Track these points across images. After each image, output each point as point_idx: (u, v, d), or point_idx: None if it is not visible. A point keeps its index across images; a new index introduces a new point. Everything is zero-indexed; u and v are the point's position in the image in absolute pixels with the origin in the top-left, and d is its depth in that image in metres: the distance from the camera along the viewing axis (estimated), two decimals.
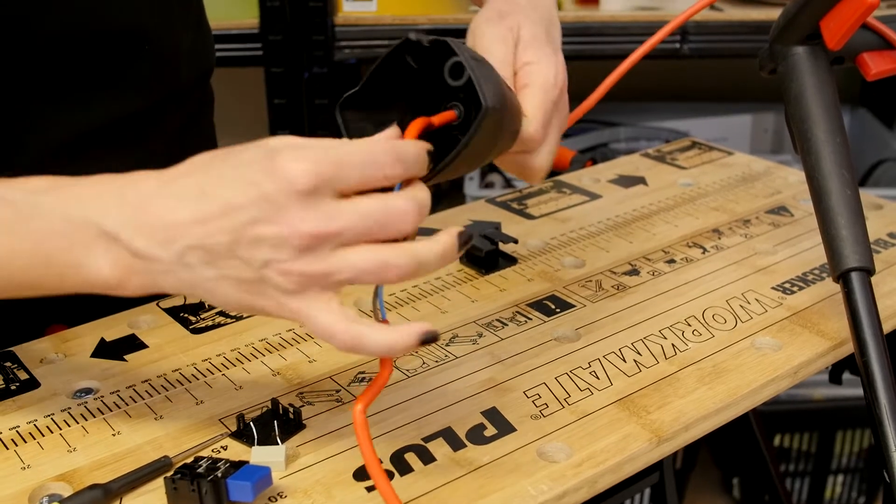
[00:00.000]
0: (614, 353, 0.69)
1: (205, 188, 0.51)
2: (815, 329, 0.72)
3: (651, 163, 1.03)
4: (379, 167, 0.51)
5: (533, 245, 0.84)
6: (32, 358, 0.70)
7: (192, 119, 0.86)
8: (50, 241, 0.52)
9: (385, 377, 0.55)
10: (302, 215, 0.49)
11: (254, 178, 0.50)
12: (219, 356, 0.69)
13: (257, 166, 0.50)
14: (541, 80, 0.64)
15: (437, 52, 0.56)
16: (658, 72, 1.92)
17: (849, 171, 0.71)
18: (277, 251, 0.50)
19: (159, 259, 0.51)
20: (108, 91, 0.74)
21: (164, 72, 0.79)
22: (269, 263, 0.50)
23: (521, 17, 0.67)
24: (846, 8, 0.70)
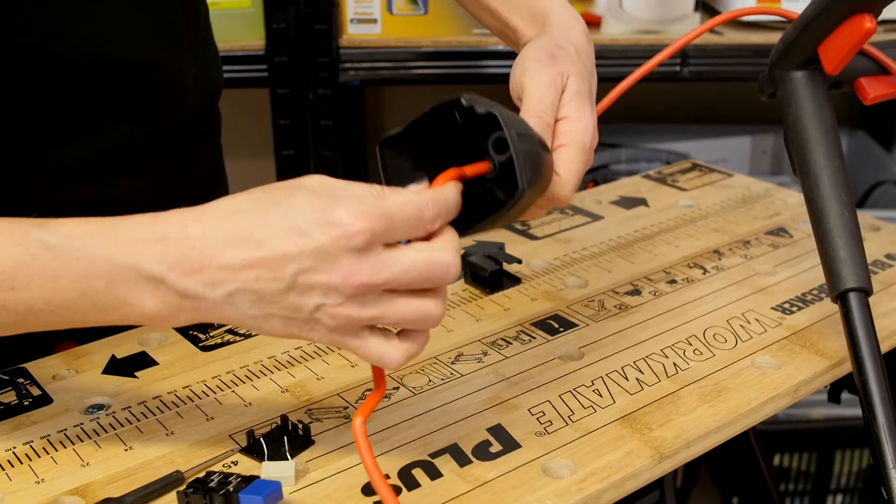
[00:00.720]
0: (617, 372, 0.70)
1: (254, 234, 0.52)
2: (813, 348, 0.74)
3: (652, 184, 1.05)
4: (424, 222, 0.54)
5: (536, 265, 0.86)
6: (45, 374, 0.71)
7: (200, 142, 0.87)
8: (92, 282, 0.54)
9: (382, 390, 0.57)
10: (354, 267, 0.52)
11: (308, 229, 0.52)
12: (228, 373, 0.70)
13: (312, 218, 0.52)
14: (579, 141, 0.65)
15: (486, 120, 0.57)
16: (658, 94, 1.94)
17: (847, 193, 0.73)
18: (328, 297, 0.52)
19: (206, 299, 0.53)
20: (116, 119, 0.75)
21: (170, 99, 0.80)
22: (319, 308, 0.53)
23: (570, 65, 0.67)
24: (844, 34, 0.71)
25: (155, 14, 0.76)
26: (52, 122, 0.72)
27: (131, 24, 0.74)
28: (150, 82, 0.77)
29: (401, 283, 0.53)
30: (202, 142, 0.88)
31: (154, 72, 0.77)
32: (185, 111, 0.82)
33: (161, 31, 0.77)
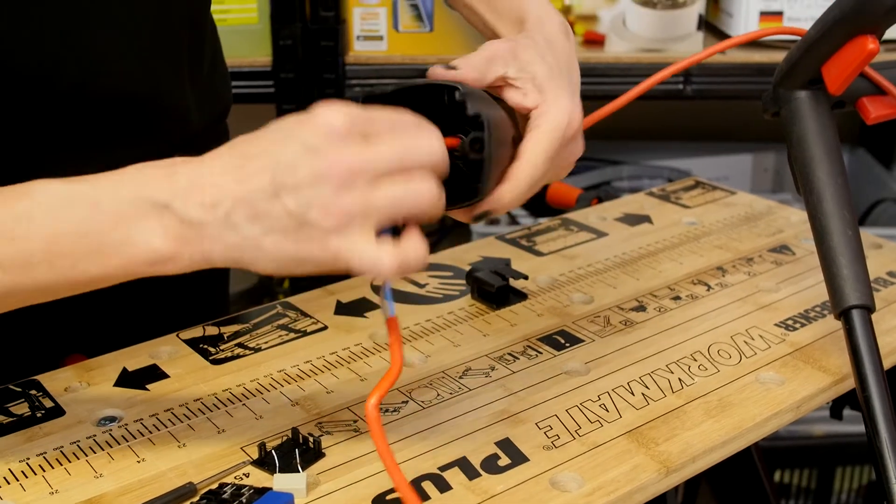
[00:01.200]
0: (623, 387, 0.71)
1: (246, 153, 0.54)
2: (816, 365, 0.75)
3: (656, 201, 1.06)
4: (405, 127, 0.55)
5: (542, 281, 0.87)
6: (57, 386, 0.72)
7: None
8: (96, 221, 0.54)
9: (396, 371, 0.56)
10: (338, 152, 0.52)
11: (290, 132, 0.53)
12: (238, 386, 0.71)
13: (294, 123, 0.54)
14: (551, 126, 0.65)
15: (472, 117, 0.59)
16: (660, 112, 1.95)
17: (850, 211, 0.74)
18: (318, 189, 0.52)
19: (208, 223, 0.53)
20: (116, 144, 0.76)
21: (172, 124, 0.81)
22: (311, 204, 0.52)
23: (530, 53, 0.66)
24: (847, 55, 0.72)
25: (157, 41, 0.76)
26: (52, 146, 0.73)
27: (132, 53, 0.74)
28: (152, 110, 0.78)
29: (387, 162, 0.53)
30: None
31: (155, 100, 0.78)
32: (187, 133, 0.83)
33: (164, 57, 0.78)
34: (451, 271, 0.89)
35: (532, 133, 0.64)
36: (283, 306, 0.83)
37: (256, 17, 1.44)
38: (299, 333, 0.78)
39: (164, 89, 0.78)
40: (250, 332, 0.79)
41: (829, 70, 0.74)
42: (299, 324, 0.80)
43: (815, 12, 1.47)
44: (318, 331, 0.79)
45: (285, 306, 0.83)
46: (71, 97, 0.72)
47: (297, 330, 0.79)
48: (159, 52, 0.77)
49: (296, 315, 0.81)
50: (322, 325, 0.79)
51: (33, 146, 0.72)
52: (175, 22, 0.78)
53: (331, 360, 0.74)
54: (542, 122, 0.64)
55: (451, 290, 0.85)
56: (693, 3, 1.49)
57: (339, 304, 0.83)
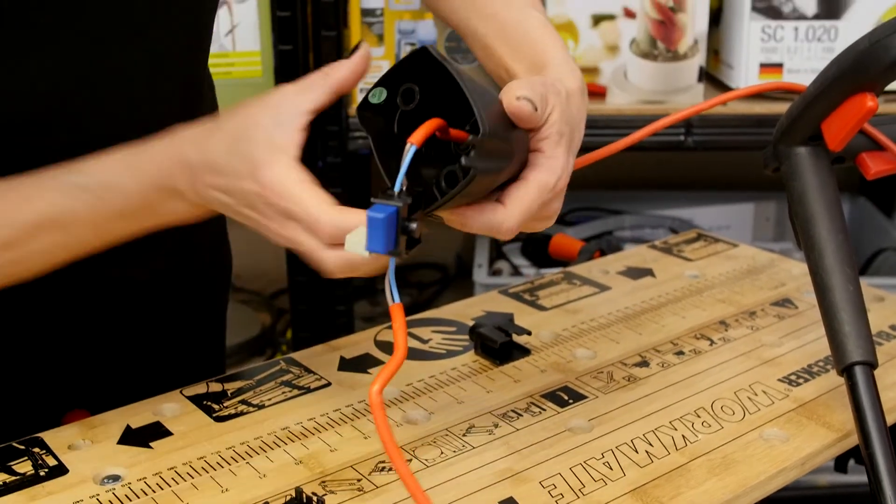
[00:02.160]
0: (626, 444, 0.71)
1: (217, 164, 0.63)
2: (821, 421, 0.75)
3: (658, 254, 1.06)
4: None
5: (545, 336, 0.87)
6: (60, 444, 0.72)
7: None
8: (130, 206, 0.66)
9: (400, 357, 0.56)
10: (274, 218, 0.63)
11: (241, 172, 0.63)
12: (242, 444, 0.71)
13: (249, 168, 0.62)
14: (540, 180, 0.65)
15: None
16: (662, 162, 1.97)
17: (851, 267, 0.74)
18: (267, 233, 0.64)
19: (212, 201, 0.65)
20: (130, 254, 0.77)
21: None
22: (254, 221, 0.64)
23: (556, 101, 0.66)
24: (846, 112, 0.73)
25: (150, 95, 0.77)
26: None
27: (126, 105, 0.75)
28: None
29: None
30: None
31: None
32: None
33: (156, 113, 0.78)
34: (454, 326, 0.89)
35: (519, 184, 0.64)
36: (286, 362, 0.83)
37: (261, 71, 1.46)
38: (303, 390, 0.78)
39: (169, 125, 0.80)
40: (254, 388, 0.79)
41: (829, 127, 0.74)
42: (303, 380, 0.80)
43: (816, 65, 1.49)
44: (322, 387, 0.79)
45: (289, 362, 0.83)
46: (76, 142, 0.73)
47: (300, 386, 0.79)
48: (152, 107, 0.78)
49: (299, 371, 0.81)
50: (326, 382, 0.80)
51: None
52: (169, 75, 0.79)
53: (334, 417, 0.74)
54: (531, 177, 0.64)
55: (454, 345, 0.85)
56: (693, 56, 1.51)
57: (342, 360, 0.83)
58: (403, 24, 1.48)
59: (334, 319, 1.62)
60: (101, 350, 0.84)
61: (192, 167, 0.64)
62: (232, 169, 0.63)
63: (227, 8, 1.45)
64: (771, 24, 1.50)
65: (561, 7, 1.49)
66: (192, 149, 0.65)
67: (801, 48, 1.50)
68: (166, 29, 0.75)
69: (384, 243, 0.57)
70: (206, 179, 0.64)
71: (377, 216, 0.56)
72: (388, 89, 0.62)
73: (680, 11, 1.49)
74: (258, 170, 0.61)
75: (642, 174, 1.98)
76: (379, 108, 0.62)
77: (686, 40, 1.50)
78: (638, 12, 1.49)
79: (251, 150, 0.62)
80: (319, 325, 1.62)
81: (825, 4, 1.49)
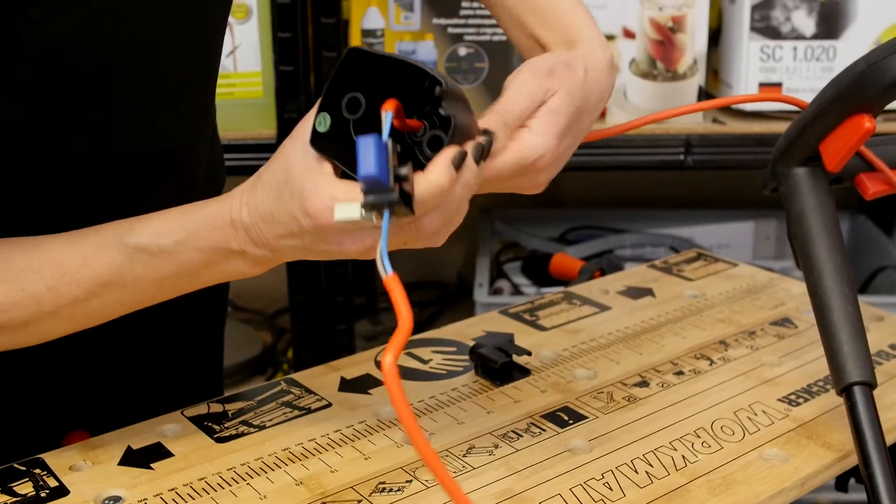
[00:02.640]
0: (627, 465, 0.71)
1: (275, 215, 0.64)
2: (820, 441, 0.75)
3: (658, 274, 1.07)
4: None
5: (545, 356, 0.87)
6: (61, 465, 0.72)
7: None
8: (189, 266, 0.68)
9: (408, 326, 0.54)
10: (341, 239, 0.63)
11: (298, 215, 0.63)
12: (243, 465, 0.71)
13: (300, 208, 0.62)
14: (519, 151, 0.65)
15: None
16: (662, 180, 1.97)
17: (850, 287, 0.74)
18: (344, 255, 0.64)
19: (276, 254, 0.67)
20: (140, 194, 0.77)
21: (180, 195, 0.82)
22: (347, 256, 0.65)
23: (564, 84, 0.67)
24: (844, 133, 0.73)
25: (175, 107, 0.78)
26: (58, 214, 0.74)
27: (153, 114, 0.76)
28: (165, 175, 0.79)
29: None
30: None
31: (170, 163, 0.79)
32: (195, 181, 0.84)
33: (180, 119, 0.80)
34: (454, 347, 0.89)
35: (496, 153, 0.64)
36: (287, 383, 0.83)
37: (262, 91, 1.46)
38: (303, 411, 0.79)
39: (179, 145, 0.81)
40: (255, 409, 0.79)
41: (827, 148, 0.75)
42: (303, 401, 0.80)
43: (814, 84, 1.49)
44: (323, 408, 0.79)
45: (289, 383, 0.83)
46: (86, 162, 0.73)
47: (301, 407, 0.79)
48: (169, 131, 0.79)
49: (300, 392, 0.82)
50: (326, 403, 0.80)
51: (42, 212, 0.74)
52: (184, 99, 0.80)
53: (335, 437, 0.75)
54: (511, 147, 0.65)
55: (454, 366, 0.86)
56: (693, 75, 1.51)
57: (342, 381, 0.83)
58: (404, 44, 1.49)
59: (335, 338, 1.62)
60: (101, 371, 0.84)
61: (247, 226, 0.65)
62: (286, 212, 0.63)
63: (229, 29, 1.45)
64: (770, 43, 1.50)
65: None
66: (244, 209, 0.65)
67: (799, 68, 1.51)
68: (179, 54, 0.76)
69: (377, 167, 0.55)
70: (268, 234, 0.65)
71: (366, 137, 0.55)
72: (330, 111, 0.61)
73: (679, 32, 1.49)
74: (307, 202, 0.61)
75: (643, 193, 1.98)
76: (329, 133, 0.61)
77: (685, 60, 1.51)
78: (637, 32, 1.50)
79: (294, 186, 0.62)
80: (320, 344, 1.62)
81: (824, 24, 1.50)
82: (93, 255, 0.67)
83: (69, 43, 0.66)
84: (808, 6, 1.49)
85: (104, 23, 0.68)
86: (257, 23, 1.45)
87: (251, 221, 0.65)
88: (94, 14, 0.67)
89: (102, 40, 0.68)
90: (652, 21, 1.49)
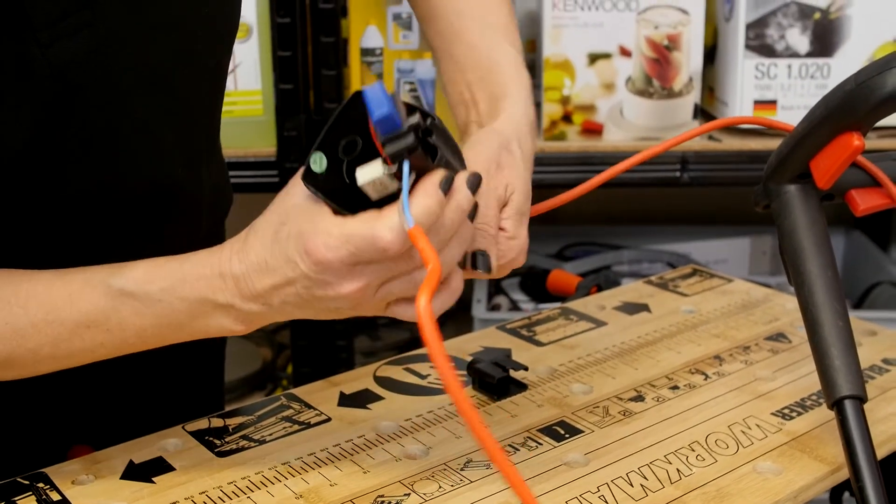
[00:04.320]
0: (622, 478, 0.72)
1: (269, 262, 0.63)
2: (813, 454, 0.76)
3: (654, 290, 1.08)
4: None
5: (542, 371, 0.88)
6: (64, 479, 0.73)
7: None
8: (174, 317, 0.66)
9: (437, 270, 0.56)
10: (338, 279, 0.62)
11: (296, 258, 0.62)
12: (244, 479, 0.72)
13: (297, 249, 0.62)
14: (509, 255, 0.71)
15: None
16: (659, 197, 1.98)
17: (840, 303, 0.75)
18: (340, 301, 0.63)
19: (266, 312, 0.65)
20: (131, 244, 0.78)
21: (186, 225, 0.84)
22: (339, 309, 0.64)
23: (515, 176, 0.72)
24: (833, 151, 0.74)
25: (180, 134, 0.79)
26: (64, 247, 0.75)
27: (158, 146, 0.77)
28: (171, 205, 0.80)
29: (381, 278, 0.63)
30: None
31: (177, 193, 0.80)
32: (196, 235, 0.85)
33: (186, 148, 0.81)
34: (452, 362, 0.90)
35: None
36: (287, 398, 0.84)
37: (262, 109, 1.48)
38: (303, 425, 0.80)
39: (185, 174, 0.81)
40: (255, 423, 0.80)
41: (817, 165, 0.76)
42: (303, 415, 0.81)
43: (809, 101, 1.51)
44: (322, 423, 0.80)
45: (289, 398, 0.84)
46: (91, 194, 0.74)
47: (301, 422, 0.80)
48: (181, 142, 0.80)
49: (300, 407, 0.83)
50: (326, 417, 0.81)
51: (46, 244, 0.75)
52: (194, 122, 0.81)
53: (334, 452, 0.76)
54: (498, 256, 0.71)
55: None
56: (689, 93, 1.53)
57: (342, 396, 0.84)
58: (402, 63, 1.51)
59: (335, 354, 1.63)
60: (104, 387, 0.85)
61: (238, 277, 0.64)
62: (282, 256, 0.62)
63: None
64: (765, 61, 1.52)
65: (558, 46, 1.51)
66: (234, 259, 0.65)
67: (794, 85, 1.52)
68: (187, 77, 0.77)
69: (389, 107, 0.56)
70: (260, 284, 0.64)
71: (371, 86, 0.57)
72: (326, 151, 0.61)
73: (675, 50, 1.51)
74: (307, 240, 0.61)
75: (640, 209, 1.99)
76: (323, 174, 0.61)
77: (681, 78, 1.52)
78: (633, 51, 1.52)
79: (292, 227, 0.62)
80: (320, 360, 1.63)
81: (818, 42, 1.51)
82: (78, 294, 0.66)
83: (76, 67, 0.67)
84: (803, 24, 1.50)
85: (112, 47, 0.69)
86: (257, 41, 1.46)
87: (242, 272, 0.64)
88: (102, 39, 0.68)
89: (109, 65, 0.69)
90: (648, 39, 1.51)
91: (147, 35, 0.71)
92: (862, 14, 1.50)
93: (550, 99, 1.53)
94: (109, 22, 0.68)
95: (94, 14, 0.67)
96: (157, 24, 0.72)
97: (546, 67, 1.52)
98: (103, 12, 0.67)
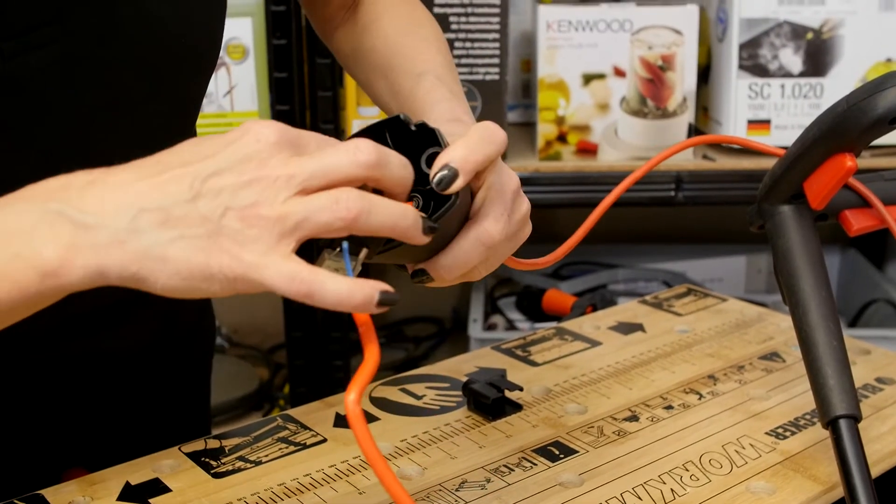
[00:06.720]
0: (616, 499, 0.72)
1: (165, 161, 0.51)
2: (807, 473, 0.76)
3: (648, 309, 1.08)
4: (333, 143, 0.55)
5: (537, 392, 0.88)
6: (60, 500, 0.73)
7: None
8: None
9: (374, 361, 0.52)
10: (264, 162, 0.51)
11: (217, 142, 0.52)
12: (240, 500, 0.72)
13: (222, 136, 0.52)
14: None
15: (420, 138, 0.61)
16: (654, 217, 1.99)
17: (834, 322, 0.76)
18: (239, 196, 0.50)
19: (105, 228, 0.49)
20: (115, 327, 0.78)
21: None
22: (229, 209, 0.50)
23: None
24: (827, 172, 0.75)
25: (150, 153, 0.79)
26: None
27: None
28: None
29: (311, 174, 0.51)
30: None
31: None
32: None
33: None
34: (447, 382, 0.90)
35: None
36: (283, 419, 0.84)
37: None
38: (299, 446, 0.80)
39: None
40: (251, 444, 0.80)
41: (811, 186, 0.77)
42: (299, 436, 0.81)
43: (802, 121, 1.52)
44: (318, 443, 0.80)
45: (285, 419, 0.84)
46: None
47: (296, 443, 0.80)
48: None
49: (296, 427, 0.83)
50: (321, 438, 0.81)
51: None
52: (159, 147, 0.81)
53: (329, 472, 0.76)
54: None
55: (447, 401, 0.87)
56: (683, 113, 1.54)
57: (337, 417, 0.84)
58: None
59: (331, 374, 1.64)
60: (93, 412, 0.86)
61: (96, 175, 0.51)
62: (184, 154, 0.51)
63: (226, 69, 1.48)
64: (758, 81, 1.53)
65: (552, 67, 1.52)
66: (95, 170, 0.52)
67: (787, 105, 1.53)
68: (157, 103, 0.76)
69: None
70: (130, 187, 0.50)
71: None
72: None
73: (669, 70, 1.52)
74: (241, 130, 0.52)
75: (636, 228, 2.00)
76: None
77: (675, 98, 1.53)
78: (627, 71, 1.53)
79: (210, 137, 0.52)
80: (316, 379, 1.63)
81: (811, 62, 1.52)
82: None
83: (38, 82, 0.66)
84: (796, 44, 1.51)
85: (78, 66, 0.68)
86: (254, 63, 1.47)
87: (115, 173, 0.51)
88: (68, 56, 0.67)
89: (74, 83, 0.69)
90: (642, 60, 1.52)
91: (116, 57, 0.70)
92: (854, 34, 1.51)
93: (545, 119, 1.54)
94: (77, 40, 0.67)
95: (63, 30, 0.66)
96: (129, 48, 0.71)
97: (541, 88, 1.53)
98: (71, 30, 0.67)
